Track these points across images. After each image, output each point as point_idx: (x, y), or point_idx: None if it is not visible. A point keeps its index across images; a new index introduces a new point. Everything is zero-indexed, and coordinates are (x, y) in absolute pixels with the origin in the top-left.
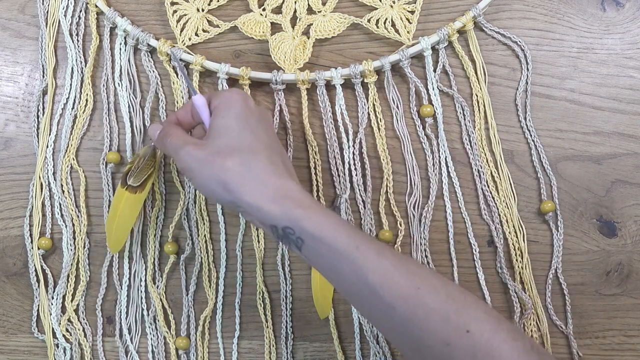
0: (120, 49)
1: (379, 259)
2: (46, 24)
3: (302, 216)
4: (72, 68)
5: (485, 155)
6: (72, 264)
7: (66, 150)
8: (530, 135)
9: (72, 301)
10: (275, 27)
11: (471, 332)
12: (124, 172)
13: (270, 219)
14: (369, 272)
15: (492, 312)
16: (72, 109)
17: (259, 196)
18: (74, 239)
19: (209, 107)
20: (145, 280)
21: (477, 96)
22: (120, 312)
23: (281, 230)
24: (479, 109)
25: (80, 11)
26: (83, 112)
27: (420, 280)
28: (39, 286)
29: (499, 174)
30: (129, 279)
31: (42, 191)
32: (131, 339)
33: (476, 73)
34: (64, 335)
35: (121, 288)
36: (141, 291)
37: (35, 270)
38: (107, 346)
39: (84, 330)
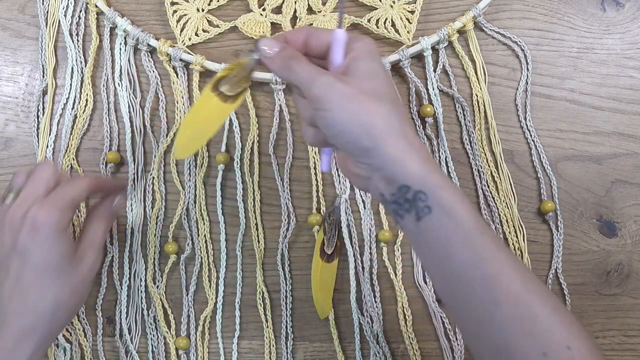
0: (120, 49)
1: (499, 251)
2: (46, 24)
3: (441, 184)
4: (72, 68)
5: (485, 155)
6: None
7: (66, 150)
8: (530, 135)
9: None
10: (275, 27)
11: (572, 350)
12: (216, 77)
13: (406, 178)
14: (488, 262)
15: (586, 331)
16: (72, 109)
17: (402, 150)
18: (74, 239)
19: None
20: (145, 280)
21: (477, 96)
22: (120, 312)
23: (412, 194)
24: (479, 109)
25: (80, 11)
26: (83, 112)
27: (531, 284)
28: None
29: (499, 174)
30: (129, 279)
31: None
32: (131, 339)
33: (476, 73)
34: (63, 335)
35: (121, 288)
36: (141, 291)
37: None
38: (107, 346)
39: (84, 330)
